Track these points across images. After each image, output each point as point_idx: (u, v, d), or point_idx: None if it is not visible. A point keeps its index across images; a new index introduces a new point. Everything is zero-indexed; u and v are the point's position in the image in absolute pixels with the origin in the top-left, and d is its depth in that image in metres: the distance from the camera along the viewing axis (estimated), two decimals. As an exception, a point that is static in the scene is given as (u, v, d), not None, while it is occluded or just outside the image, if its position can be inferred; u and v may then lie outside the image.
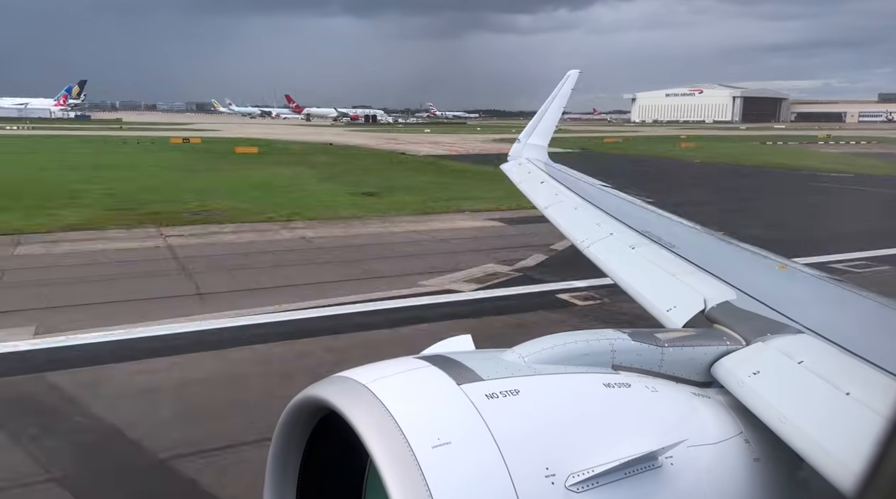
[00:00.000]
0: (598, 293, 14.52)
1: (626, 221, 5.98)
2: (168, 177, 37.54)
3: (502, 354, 2.53)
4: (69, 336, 11.64)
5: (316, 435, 2.47)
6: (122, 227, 22.13)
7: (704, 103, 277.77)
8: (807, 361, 2.77)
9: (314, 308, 13.53)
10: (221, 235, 21.44)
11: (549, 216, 7.34)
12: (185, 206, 26.67)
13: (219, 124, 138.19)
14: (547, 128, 11.37)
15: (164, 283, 15.52)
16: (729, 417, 2.63)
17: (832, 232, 23.78)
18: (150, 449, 7.94)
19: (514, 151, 11.08)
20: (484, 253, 18.95)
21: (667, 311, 3.84)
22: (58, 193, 29.33)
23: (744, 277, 4.16)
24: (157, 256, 18.23)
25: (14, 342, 11.35)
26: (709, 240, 5.58)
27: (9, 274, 16.08)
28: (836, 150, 77.42)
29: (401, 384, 2.23)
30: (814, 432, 2.39)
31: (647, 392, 2.54)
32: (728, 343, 3.04)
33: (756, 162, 56.62)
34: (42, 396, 9.42)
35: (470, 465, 2.02)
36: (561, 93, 11.63)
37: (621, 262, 5.04)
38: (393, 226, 23.88)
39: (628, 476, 2.17)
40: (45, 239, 19.99)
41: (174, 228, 22.19)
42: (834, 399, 2.51)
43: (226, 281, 15.82)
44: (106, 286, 15.16)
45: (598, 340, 2.69)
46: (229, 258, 18.23)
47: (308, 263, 18.00)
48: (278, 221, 23.91)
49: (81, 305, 13.58)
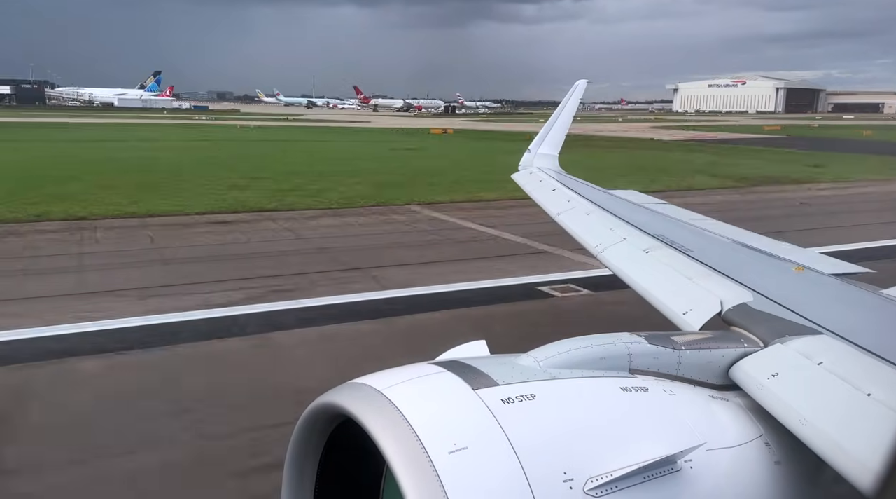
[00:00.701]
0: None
1: (640, 225, 5.95)
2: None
3: (517, 359, 2.53)
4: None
5: (332, 442, 2.48)
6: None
7: (747, 94, 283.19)
8: (826, 362, 2.74)
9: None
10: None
11: (562, 223, 7.24)
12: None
13: (327, 116, 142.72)
14: (557, 137, 11.37)
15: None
16: (748, 419, 2.62)
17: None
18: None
19: (525, 161, 11.04)
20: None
21: (683, 314, 3.82)
22: (442, 175, 33.07)
23: (760, 279, 4.15)
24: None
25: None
26: (724, 243, 5.56)
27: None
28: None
29: (416, 390, 2.23)
30: (835, 433, 2.36)
31: (664, 395, 2.53)
32: (746, 345, 3.01)
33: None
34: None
35: (487, 470, 2.01)
36: (570, 102, 11.72)
37: (636, 266, 5.02)
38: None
39: (647, 480, 2.15)
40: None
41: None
42: (855, 400, 2.48)
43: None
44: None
45: (615, 344, 2.67)
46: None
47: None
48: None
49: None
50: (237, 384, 8.70)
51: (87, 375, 8.98)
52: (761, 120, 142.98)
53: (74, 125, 77.15)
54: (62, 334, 10.41)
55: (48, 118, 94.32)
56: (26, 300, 12.20)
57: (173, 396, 8.24)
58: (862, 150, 55.96)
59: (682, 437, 2.35)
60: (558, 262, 15.45)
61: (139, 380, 8.85)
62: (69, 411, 7.89)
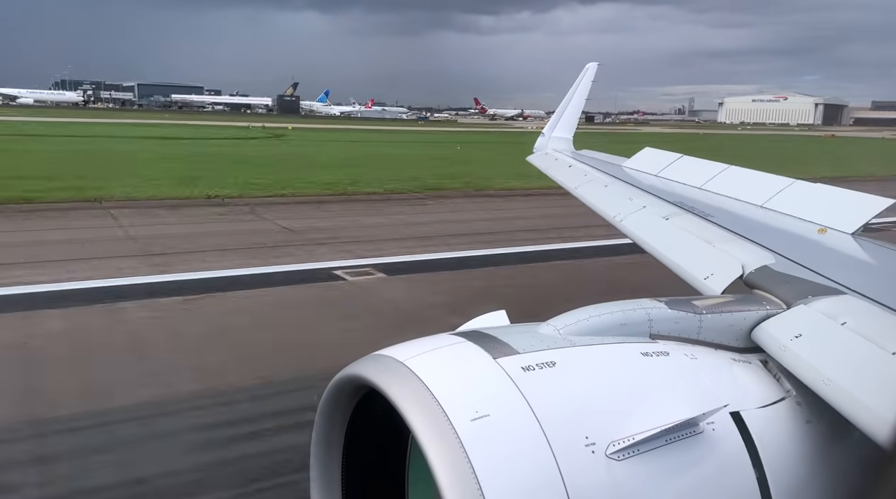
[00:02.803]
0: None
1: (660, 193, 5.91)
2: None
3: (537, 328, 2.53)
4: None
5: (357, 413, 2.50)
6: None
7: (788, 109, 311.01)
8: (850, 322, 2.70)
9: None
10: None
11: (580, 196, 7.23)
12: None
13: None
14: (570, 120, 11.48)
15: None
16: (772, 381, 2.61)
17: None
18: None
19: (539, 144, 11.22)
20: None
21: (704, 278, 3.80)
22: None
23: (782, 241, 4.09)
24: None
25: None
26: (745, 207, 5.45)
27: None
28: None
29: (438, 360, 2.25)
30: (859, 392, 2.34)
31: (685, 359, 2.53)
32: (768, 308, 2.99)
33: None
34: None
35: (509, 437, 2.02)
36: (581, 85, 11.74)
37: (656, 233, 4.97)
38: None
39: (669, 443, 2.15)
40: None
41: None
42: (879, 359, 2.45)
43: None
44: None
45: (635, 311, 2.66)
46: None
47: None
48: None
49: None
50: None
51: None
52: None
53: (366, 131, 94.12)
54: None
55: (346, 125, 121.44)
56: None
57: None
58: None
59: (703, 399, 2.34)
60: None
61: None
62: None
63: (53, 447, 7.02)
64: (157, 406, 7.95)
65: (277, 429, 7.48)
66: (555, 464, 2.00)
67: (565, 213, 20.41)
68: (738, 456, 2.31)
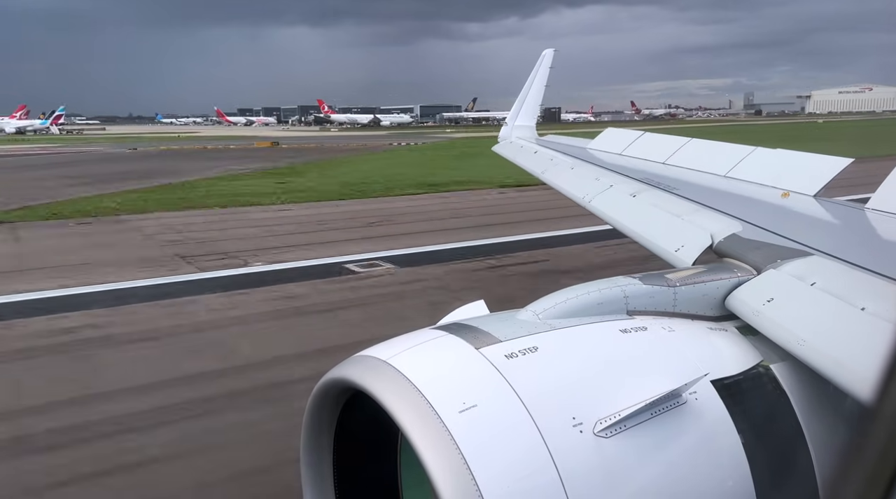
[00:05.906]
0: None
1: (626, 172, 5.97)
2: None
3: (517, 314, 2.55)
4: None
5: (345, 415, 2.49)
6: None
7: (874, 98, 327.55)
8: (819, 282, 2.75)
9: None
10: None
11: (547, 180, 7.26)
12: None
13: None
14: (531, 108, 11.51)
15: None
16: (748, 346, 2.65)
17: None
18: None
19: (503, 134, 11.33)
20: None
21: (675, 251, 3.84)
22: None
23: (748, 208, 4.14)
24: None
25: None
26: (709, 178, 5.52)
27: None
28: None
29: (421, 356, 2.26)
30: (833, 350, 2.38)
31: (663, 333, 2.56)
32: (739, 275, 3.03)
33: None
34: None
35: (498, 424, 2.04)
36: (539, 72, 11.79)
37: (624, 210, 5.01)
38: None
39: (655, 416, 2.19)
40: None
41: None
42: (850, 316, 2.49)
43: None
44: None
45: (610, 289, 2.69)
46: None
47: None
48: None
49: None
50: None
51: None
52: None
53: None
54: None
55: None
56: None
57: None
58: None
59: (684, 370, 2.38)
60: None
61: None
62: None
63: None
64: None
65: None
66: (545, 447, 2.02)
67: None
68: (722, 422, 2.36)
